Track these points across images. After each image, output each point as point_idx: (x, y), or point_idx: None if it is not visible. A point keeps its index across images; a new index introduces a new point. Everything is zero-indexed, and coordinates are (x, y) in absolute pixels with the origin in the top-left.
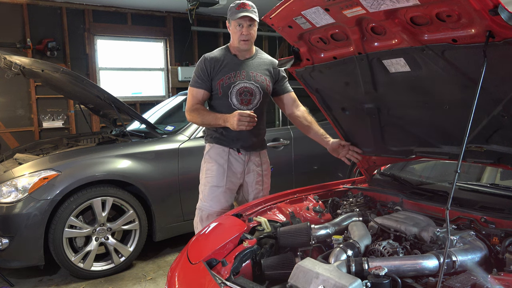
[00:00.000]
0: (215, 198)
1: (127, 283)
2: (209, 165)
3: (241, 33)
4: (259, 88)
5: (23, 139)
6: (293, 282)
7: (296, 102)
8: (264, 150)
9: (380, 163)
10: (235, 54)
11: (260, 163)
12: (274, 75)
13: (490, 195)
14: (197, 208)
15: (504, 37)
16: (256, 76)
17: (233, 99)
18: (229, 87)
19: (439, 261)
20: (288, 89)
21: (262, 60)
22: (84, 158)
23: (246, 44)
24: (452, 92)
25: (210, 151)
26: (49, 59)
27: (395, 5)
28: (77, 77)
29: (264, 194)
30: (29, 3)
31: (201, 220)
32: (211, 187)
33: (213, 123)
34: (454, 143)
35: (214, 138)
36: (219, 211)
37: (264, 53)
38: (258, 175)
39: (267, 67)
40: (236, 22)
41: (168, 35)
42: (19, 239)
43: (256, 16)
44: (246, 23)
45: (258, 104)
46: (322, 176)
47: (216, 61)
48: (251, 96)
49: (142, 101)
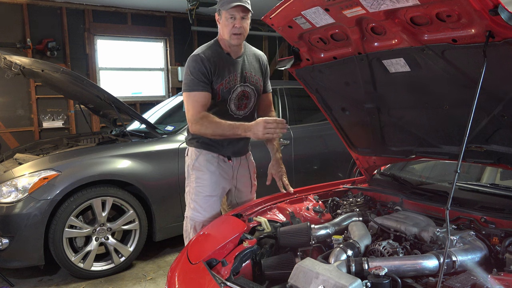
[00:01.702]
0: (209, 207)
1: (127, 283)
2: (199, 173)
3: (233, 26)
4: (254, 90)
5: (23, 139)
6: (293, 282)
7: (271, 105)
8: (249, 152)
9: (380, 163)
10: (228, 53)
11: (248, 165)
12: (264, 71)
13: (490, 195)
14: (187, 217)
15: (504, 37)
16: (251, 77)
17: (231, 104)
18: (229, 92)
19: (439, 261)
20: (269, 88)
21: (252, 57)
22: (84, 158)
23: (238, 39)
24: (452, 92)
25: (200, 159)
26: (49, 59)
27: (395, 5)
28: (77, 77)
29: (252, 196)
30: (29, 3)
31: (195, 231)
32: (205, 197)
33: (229, 133)
34: (454, 143)
35: (202, 143)
36: (211, 220)
37: (250, 46)
38: (248, 178)
39: (257, 64)
40: (228, 13)
41: (168, 35)
42: (19, 239)
43: (250, 7)
44: (240, 14)
45: (252, 107)
46: (322, 176)
47: (213, 62)
48: (247, 99)
49: (142, 101)
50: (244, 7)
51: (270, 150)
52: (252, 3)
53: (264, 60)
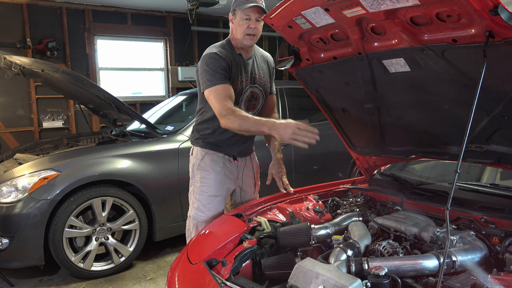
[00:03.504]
0: (213, 207)
1: (127, 283)
2: (204, 173)
3: (248, 26)
4: (262, 92)
5: (23, 139)
6: (293, 282)
7: (274, 106)
8: (253, 152)
9: (380, 163)
10: (239, 54)
11: (252, 165)
12: (271, 73)
13: (490, 195)
14: (190, 216)
15: (504, 37)
16: (259, 78)
17: (242, 106)
18: (241, 93)
19: (439, 261)
20: (273, 89)
21: (260, 59)
22: (84, 158)
23: (251, 40)
24: (452, 92)
25: (205, 158)
26: (49, 59)
27: (395, 5)
28: (77, 77)
29: (255, 196)
30: (29, 3)
31: (197, 230)
32: (209, 197)
33: (254, 130)
34: (454, 143)
35: (208, 143)
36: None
37: (257, 47)
38: (252, 178)
39: (266, 66)
40: (243, 14)
41: (168, 35)
42: (19, 239)
43: (265, 9)
44: (255, 15)
45: (260, 108)
46: (322, 176)
47: (229, 61)
48: (256, 100)
49: (142, 101)
50: (260, 8)
51: (271, 150)
52: None
53: (271, 62)
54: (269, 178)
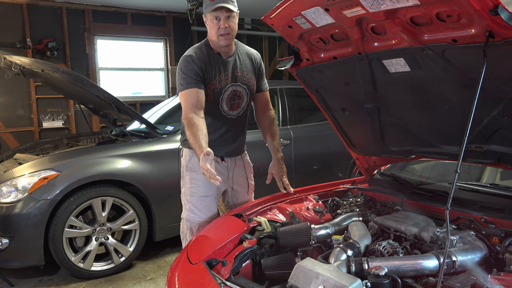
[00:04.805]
0: (205, 208)
1: (127, 283)
2: (193, 174)
3: (219, 27)
4: (246, 90)
5: (23, 139)
6: (293, 282)
7: (268, 103)
8: (245, 152)
9: (380, 163)
10: (218, 53)
11: (243, 165)
12: (257, 71)
13: (490, 195)
14: (184, 219)
15: (504, 37)
16: (243, 76)
17: (223, 105)
18: (220, 93)
19: (439, 261)
20: (265, 87)
21: (244, 56)
22: (84, 158)
23: (226, 39)
24: (452, 92)
25: (193, 159)
26: (49, 59)
27: (395, 5)
28: (77, 77)
29: (249, 196)
30: (29, 3)
31: (192, 232)
32: (200, 197)
33: (192, 146)
34: (454, 143)
35: None
36: (209, 221)
37: (243, 45)
38: (243, 178)
39: (250, 63)
40: (211, 15)
41: (168, 35)
42: (19, 239)
43: (234, 6)
44: (223, 15)
45: (245, 107)
46: (322, 176)
47: (204, 63)
48: (239, 99)
49: (142, 101)
50: (226, 8)
51: (271, 149)
52: (252, 3)
53: (257, 59)
54: (269, 177)
